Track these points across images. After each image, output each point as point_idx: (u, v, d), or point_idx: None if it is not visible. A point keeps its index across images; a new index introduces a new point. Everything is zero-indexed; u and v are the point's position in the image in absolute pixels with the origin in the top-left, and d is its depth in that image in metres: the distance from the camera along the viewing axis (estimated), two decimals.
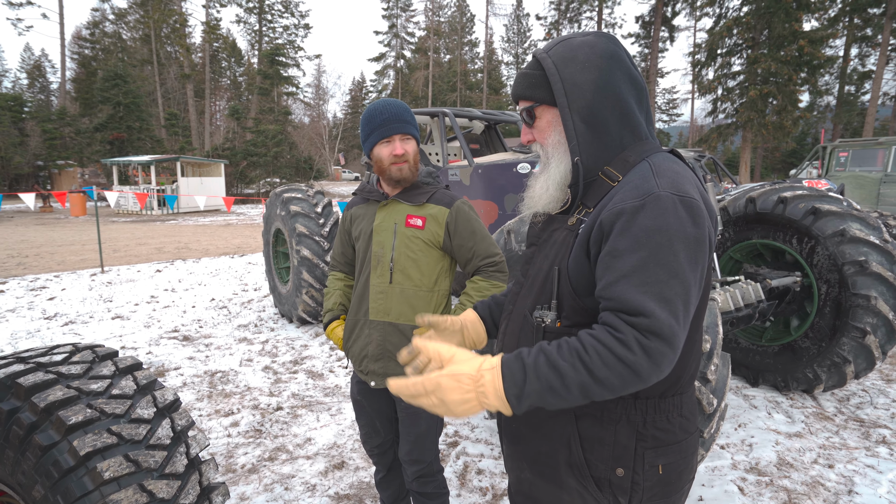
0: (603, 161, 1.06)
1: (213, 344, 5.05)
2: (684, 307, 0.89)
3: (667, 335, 0.87)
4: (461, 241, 1.87)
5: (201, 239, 13.59)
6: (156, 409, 1.53)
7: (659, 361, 0.87)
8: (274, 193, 5.79)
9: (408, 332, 1.86)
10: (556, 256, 1.07)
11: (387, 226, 1.87)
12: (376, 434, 2.08)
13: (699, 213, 0.92)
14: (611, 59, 1.03)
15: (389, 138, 1.80)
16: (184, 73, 40.31)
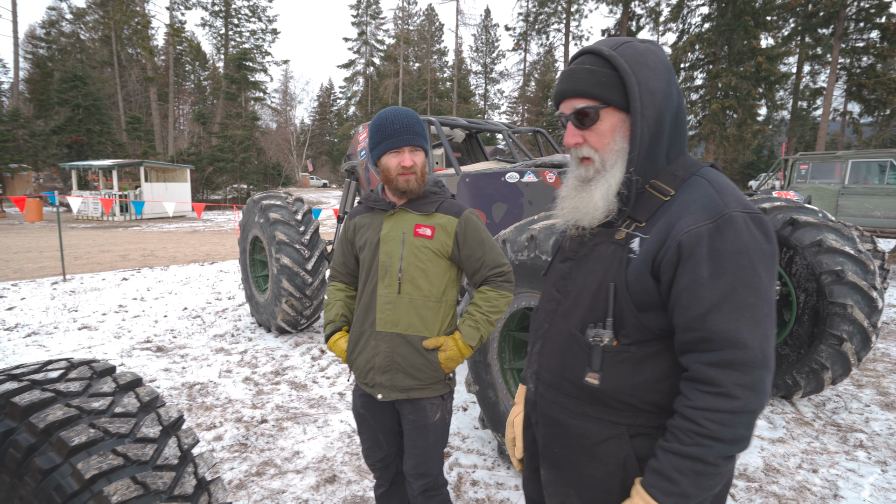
0: (651, 173, 1.03)
1: (188, 355, 4.88)
2: (771, 326, 0.91)
3: (761, 362, 0.88)
4: (470, 251, 1.85)
5: (167, 246, 13.18)
6: (161, 428, 1.45)
7: (764, 388, 0.89)
8: (252, 200, 5.67)
9: (416, 343, 1.82)
10: (605, 272, 1.03)
11: (395, 235, 1.83)
12: (379, 448, 2.03)
13: (768, 227, 0.93)
14: (670, 72, 1.01)
15: (399, 149, 1.76)
16: (146, 76, 39.20)
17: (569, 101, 1.04)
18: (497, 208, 3.81)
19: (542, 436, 1.16)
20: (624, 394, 1.00)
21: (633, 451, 1.01)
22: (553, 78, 48.88)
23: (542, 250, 2.53)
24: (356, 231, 1.96)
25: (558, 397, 1.11)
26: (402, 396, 1.84)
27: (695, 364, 0.92)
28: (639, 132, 0.99)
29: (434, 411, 1.88)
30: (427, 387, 1.84)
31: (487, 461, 3.11)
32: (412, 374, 1.82)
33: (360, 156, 5.37)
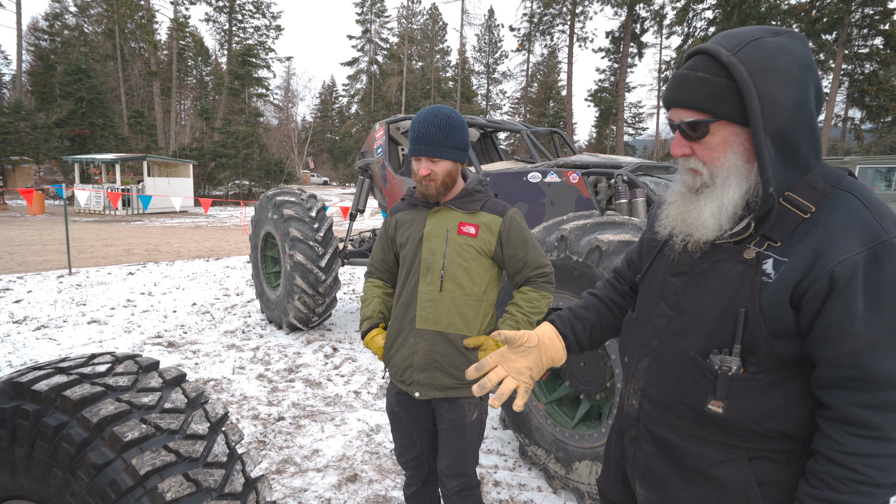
0: (785, 185, 0.92)
1: (200, 351, 4.86)
2: None
3: None
4: (513, 250, 1.83)
5: (171, 241, 13.15)
6: (209, 424, 1.44)
7: None
8: (265, 196, 5.65)
9: (457, 342, 1.80)
10: (731, 294, 0.94)
11: (438, 232, 1.82)
12: (413, 447, 2.01)
13: None
14: (808, 70, 0.88)
15: (418, 157, 1.78)
16: (150, 71, 39.15)
17: (677, 110, 0.96)
18: (518, 208, 3.79)
19: (647, 454, 1.10)
20: (748, 422, 0.94)
21: (754, 477, 0.96)
22: (556, 80, 48.88)
23: (573, 251, 2.52)
24: (398, 227, 1.94)
25: (669, 418, 1.04)
26: (439, 395, 1.83)
27: (845, 405, 0.86)
28: (764, 150, 0.88)
29: (472, 411, 1.87)
30: (465, 386, 1.82)
31: (508, 462, 3.10)
32: (451, 373, 1.81)
33: (375, 153, 5.36)
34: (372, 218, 20.79)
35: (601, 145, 42.85)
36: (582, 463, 2.62)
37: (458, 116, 1.78)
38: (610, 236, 2.40)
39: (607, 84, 41.29)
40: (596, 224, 2.57)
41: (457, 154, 1.78)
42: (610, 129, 41.62)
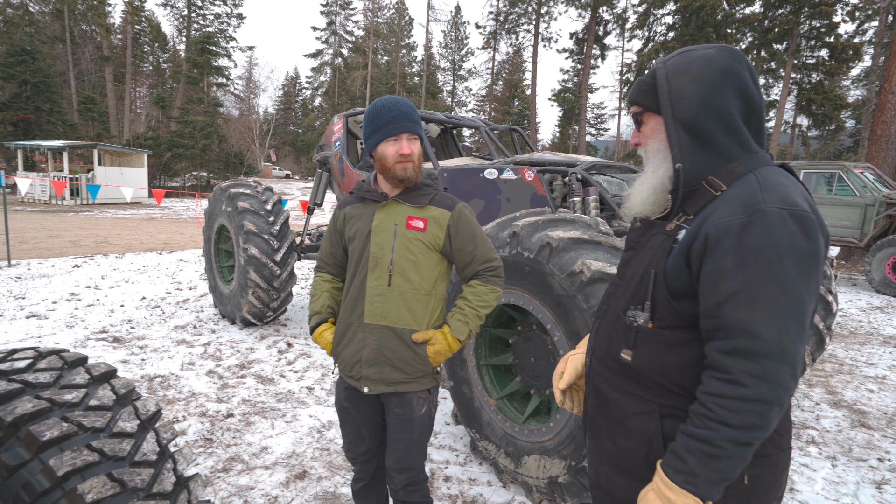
0: (707, 170, 1.07)
1: (148, 346, 4.69)
2: (798, 322, 0.92)
3: (776, 353, 0.90)
4: (462, 244, 1.83)
5: (122, 233, 12.66)
6: (139, 422, 1.38)
7: (778, 380, 0.91)
8: (219, 188, 5.49)
9: (405, 337, 1.79)
10: (651, 260, 1.10)
11: (386, 227, 1.80)
12: (361, 441, 1.99)
13: (810, 225, 0.93)
14: (723, 75, 1.04)
15: (397, 136, 1.74)
16: (102, 55, 37.46)
17: (632, 107, 1.18)
18: (474, 204, 3.80)
19: (590, 406, 1.26)
20: (654, 373, 1.07)
21: (661, 430, 1.07)
22: (521, 78, 49.28)
23: (524, 247, 2.54)
24: (346, 221, 1.91)
25: (605, 371, 1.20)
26: (388, 390, 1.82)
27: (711, 351, 0.97)
28: (673, 133, 1.08)
29: (420, 405, 1.86)
30: (414, 380, 1.82)
31: (460, 457, 3.11)
32: (400, 368, 1.80)
33: (333, 147, 5.28)
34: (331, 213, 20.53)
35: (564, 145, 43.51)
36: (531, 457, 2.65)
37: (409, 107, 1.80)
38: (560, 233, 2.42)
39: (571, 84, 41.91)
40: (547, 221, 2.59)
41: (421, 129, 1.82)
42: (573, 128, 42.26)
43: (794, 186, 0.99)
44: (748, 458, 0.94)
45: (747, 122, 1.06)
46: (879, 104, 10.14)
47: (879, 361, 5.16)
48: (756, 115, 1.07)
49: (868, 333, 6.24)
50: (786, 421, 1.07)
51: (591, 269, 2.25)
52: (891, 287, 8.57)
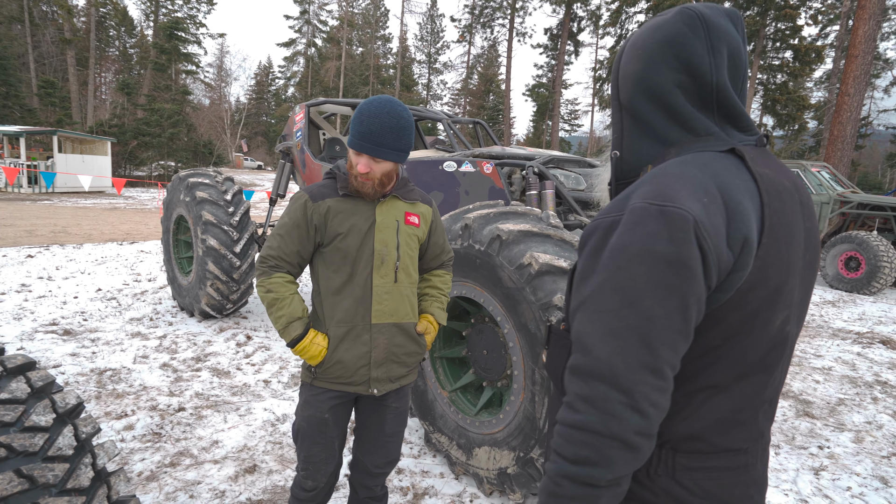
0: (647, 159, 0.92)
1: (100, 339, 4.56)
2: (641, 343, 0.73)
3: (606, 376, 0.74)
4: (437, 238, 1.92)
5: (82, 223, 12.27)
6: (55, 416, 1.33)
7: (607, 409, 0.73)
8: (178, 177, 5.35)
9: (411, 331, 1.80)
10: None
11: (389, 223, 1.73)
12: (332, 459, 1.83)
13: (679, 226, 0.74)
14: (666, 45, 0.87)
15: (359, 153, 1.63)
16: (63, 38, 36.13)
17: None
18: (433, 196, 3.78)
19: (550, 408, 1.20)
20: (558, 377, 0.96)
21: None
22: (496, 73, 49.36)
23: (476, 240, 2.54)
24: (331, 215, 1.72)
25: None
26: (394, 387, 1.80)
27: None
28: (617, 117, 0.96)
29: (410, 395, 2.00)
30: (411, 372, 1.86)
31: (413, 449, 3.11)
32: (404, 362, 1.80)
33: (295, 137, 5.19)
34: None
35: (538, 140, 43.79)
36: (481, 449, 2.66)
37: (409, 115, 1.62)
38: (510, 226, 2.43)
39: (545, 80, 42.16)
40: (498, 214, 2.60)
41: (401, 156, 1.65)
42: (547, 124, 42.57)
43: (695, 178, 0.79)
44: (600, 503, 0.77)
45: (698, 100, 0.87)
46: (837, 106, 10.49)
47: (827, 353, 5.34)
48: (707, 91, 0.86)
49: (819, 326, 6.45)
50: (703, 478, 0.83)
51: (539, 261, 2.27)
52: (843, 282, 8.89)
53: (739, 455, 0.83)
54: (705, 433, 0.82)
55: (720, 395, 0.81)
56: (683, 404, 0.82)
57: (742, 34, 0.87)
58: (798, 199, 0.85)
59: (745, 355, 0.80)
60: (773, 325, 0.80)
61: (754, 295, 0.77)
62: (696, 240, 0.73)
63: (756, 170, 0.81)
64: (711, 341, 0.80)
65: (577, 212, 3.29)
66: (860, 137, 30.91)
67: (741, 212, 0.77)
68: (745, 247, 0.76)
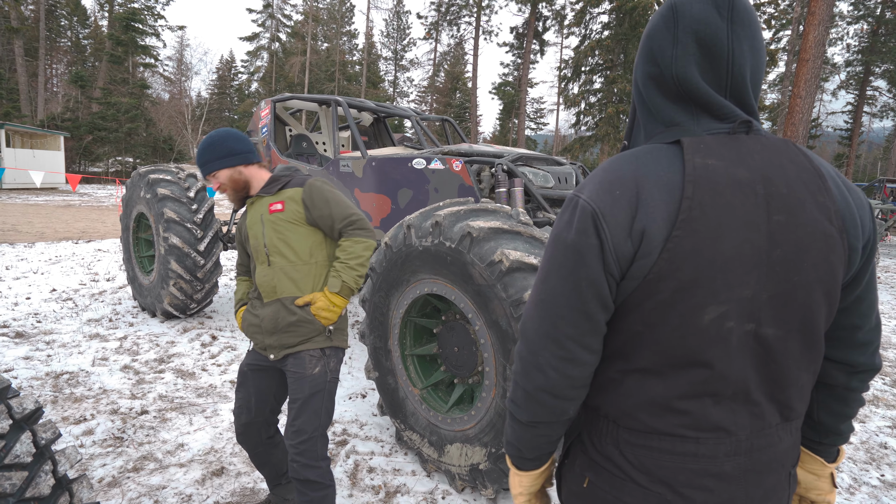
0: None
1: (56, 341, 4.38)
2: (549, 315, 0.86)
3: (524, 336, 0.90)
4: (319, 211, 2.02)
5: (34, 220, 11.75)
6: (12, 422, 1.28)
7: (522, 364, 0.90)
8: (137, 174, 5.18)
9: (289, 304, 2.02)
10: None
11: (255, 219, 2.08)
12: (247, 411, 2.17)
13: (578, 215, 0.83)
14: (645, 39, 0.90)
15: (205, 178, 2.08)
16: (9, 26, 34.41)
17: None
18: (403, 194, 3.77)
19: None
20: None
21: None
22: (462, 70, 49.44)
23: (446, 237, 2.54)
24: (239, 229, 2.22)
25: None
26: (289, 352, 2.03)
27: None
28: (631, 108, 0.99)
29: (313, 364, 2.02)
30: (308, 340, 2.03)
31: (385, 448, 3.10)
32: (293, 332, 2.02)
33: (261, 133, 5.09)
34: None
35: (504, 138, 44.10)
36: (453, 446, 2.67)
37: (223, 131, 2.04)
38: (481, 223, 2.44)
39: (511, 78, 42.47)
40: (469, 211, 2.61)
41: (227, 161, 2.01)
42: (513, 122, 42.91)
43: (618, 170, 0.84)
44: (524, 436, 0.95)
45: (668, 91, 0.88)
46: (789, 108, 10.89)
47: None
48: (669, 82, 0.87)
49: None
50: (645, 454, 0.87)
51: (509, 258, 2.29)
52: None
53: (686, 442, 0.84)
54: (638, 412, 0.86)
55: (652, 378, 0.85)
56: (618, 381, 0.89)
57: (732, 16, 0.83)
58: (762, 192, 0.80)
59: (668, 345, 0.82)
60: (699, 319, 0.80)
61: (665, 286, 0.79)
62: (594, 229, 0.81)
63: (694, 161, 0.80)
64: (633, 326, 0.84)
65: (545, 209, 3.33)
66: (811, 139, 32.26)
67: (647, 204, 0.80)
68: (644, 238, 0.79)
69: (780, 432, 0.89)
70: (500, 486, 2.53)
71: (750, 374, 0.84)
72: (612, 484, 0.89)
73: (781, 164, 0.83)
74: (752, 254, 0.79)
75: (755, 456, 0.87)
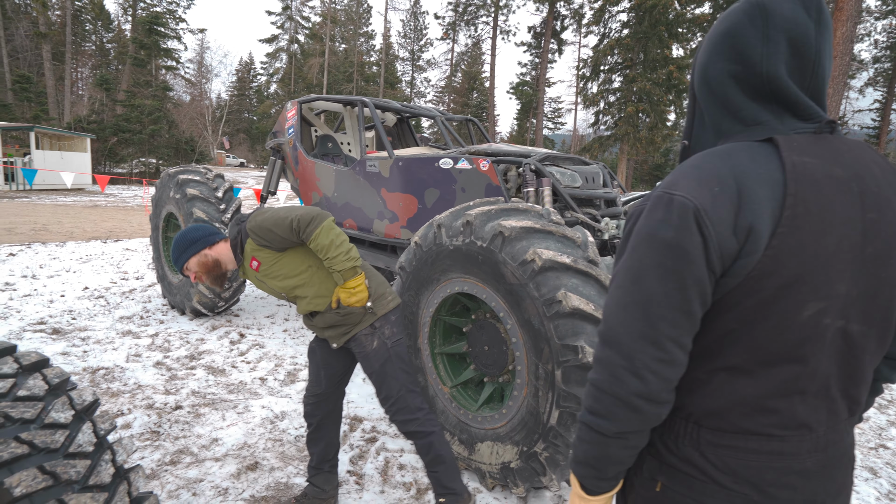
0: (700, 147, 0.97)
1: (90, 338, 4.49)
2: (643, 318, 0.82)
3: (612, 341, 0.85)
4: (274, 241, 2.10)
5: (63, 220, 12.03)
6: (73, 413, 1.33)
7: (611, 370, 0.85)
8: (167, 174, 5.29)
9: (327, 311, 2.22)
10: None
11: (256, 280, 2.28)
12: (318, 383, 2.40)
13: (677, 213, 0.80)
14: (725, 36, 0.89)
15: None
16: (38, 31, 35.25)
17: None
18: (429, 193, 3.80)
19: None
20: None
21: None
22: (479, 70, 49.39)
23: (478, 236, 2.56)
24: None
25: None
26: (346, 338, 2.25)
27: None
28: (690, 107, 0.99)
29: (370, 341, 2.22)
30: (357, 325, 2.23)
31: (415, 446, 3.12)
32: (342, 325, 2.23)
33: (287, 133, 5.16)
34: (287, 202, 20.10)
35: (522, 138, 43.92)
36: (484, 444, 2.69)
37: (183, 230, 2.23)
38: (513, 222, 2.46)
39: (528, 78, 42.29)
40: (500, 210, 2.62)
41: (190, 250, 2.18)
42: (530, 122, 42.72)
43: (712, 167, 0.83)
44: (608, 451, 0.89)
45: (752, 89, 0.87)
46: None
47: None
48: (758, 81, 0.86)
49: None
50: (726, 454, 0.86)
51: (542, 258, 2.30)
52: None
53: (772, 441, 0.85)
54: (726, 412, 0.86)
55: (743, 377, 0.85)
56: (705, 381, 0.87)
57: (819, 17, 0.84)
58: (857, 190, 0.81)
59: (765, 342, 0.82)
60: (799, 315, 0.80)
61: (767, 283, 0.79)
62: (696, 226, 0.79)
63: (792, 158, 0.80)
64: (727, 324, 0.84)
65: (573, 209, 3.32)
66: None
67: (752, 201, 0.79)
68: (751, 235, 0.78)
69: (847, 426, 0.90)
70: (531, 485, 2.54)
71: (833, 370, 0.85)
72: (692, 487, 0.88)
73: (867, 163, 0.84)
74: (849, 250, 0.80)
75: (830, 451, 0.87)
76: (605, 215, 3.52)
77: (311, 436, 2.45)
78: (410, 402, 2.22)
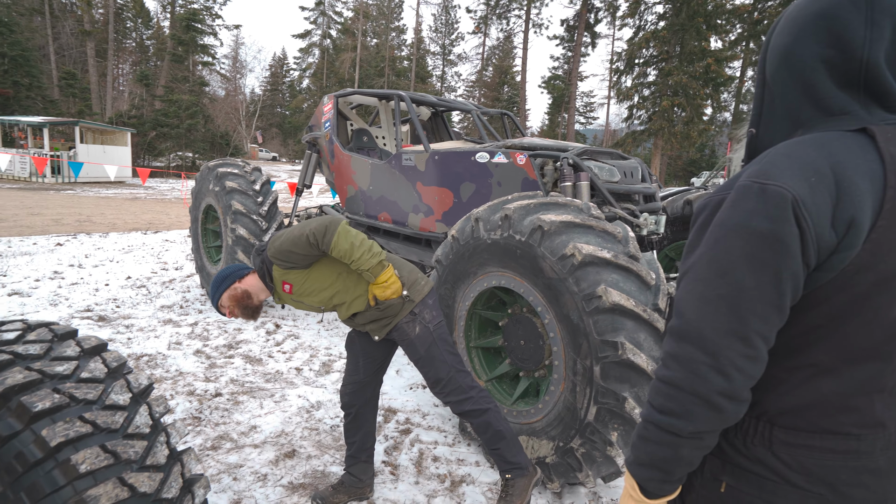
0: (778, 139, 0.90)
1: (134, 325, 4.65)
2: (731, 312, 0.78)
3: (694, 337, 0.80)
4: (296, 261, 2.13)
5: (105, 212, 12.45)
6: (131, 395, 1.37)
7: (693, 368, 0.80)
8: (206, 167, 5.42)
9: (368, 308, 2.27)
10: None
11: (293, 303, 2.31)
12: (356, 371, 2.44)
13: (775, 203, 0.75)
14: (820, 17, 0.83)
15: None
16: (83, 30, 36.45)
17: None
18: (465, 187, 3.80)
19: None
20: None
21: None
22: (511, 64, 49.02)
23: (516, 230, 2.55)
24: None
25: None
26: (388, 329, 2.29)
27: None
28: (759, 93, 0.94)
29: (412, 328, 2.25)
30: (397, 315, 2.26)
31: (448, 438, 3.14)
32: (383, 318, 2.28)
33: (324, 127, 5.22)
34: (320, 196, 20.37)
35: (553, 132, 43.48)
36: (518, 438, 2.68)
37: (212, 280, 2.23)
38: (552, 216, 2.44)
39: (561, 72, 41.79)
40: (539, 204, 2.60)
41: (222, 287, 2.20)
42: (562, 116, 42.23)
43: (805, 156, 0.79)
44: (679, 452, 0.84)
45: (842, 76, 0.82)
46: None
47: None
48: (854, 67, 0.81)
49: None
50: (803, 454, 0.84)
51: (581, 252, 2.27)
52: None
53: (849, 440, 0.82)
54: (804, 411, 0.83)
55: (825, 375, 0.82)
56: (783, 379, 0.85)
57: None
58: None
59: (854, 339, 0.80)
60: (891, 312, 0.78)
61: (863, 278, 0.77)
62: (794, 217, 0.75)
63: (890, 150, 0.76)
64: (814, 320, 0.81)
65: (611, 204, 3.27)
66: None
67: (853, 192, 0.75)
68: (852, 228, 0.75)
69: None
70: (567, 481, 2.52)
71: None
72: (761, 487, 0.86)
73: None
74: None
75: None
76: (643, 211, 3.46)
77: (350, 425, 2.48)
78: (462, 382, 2.23)
